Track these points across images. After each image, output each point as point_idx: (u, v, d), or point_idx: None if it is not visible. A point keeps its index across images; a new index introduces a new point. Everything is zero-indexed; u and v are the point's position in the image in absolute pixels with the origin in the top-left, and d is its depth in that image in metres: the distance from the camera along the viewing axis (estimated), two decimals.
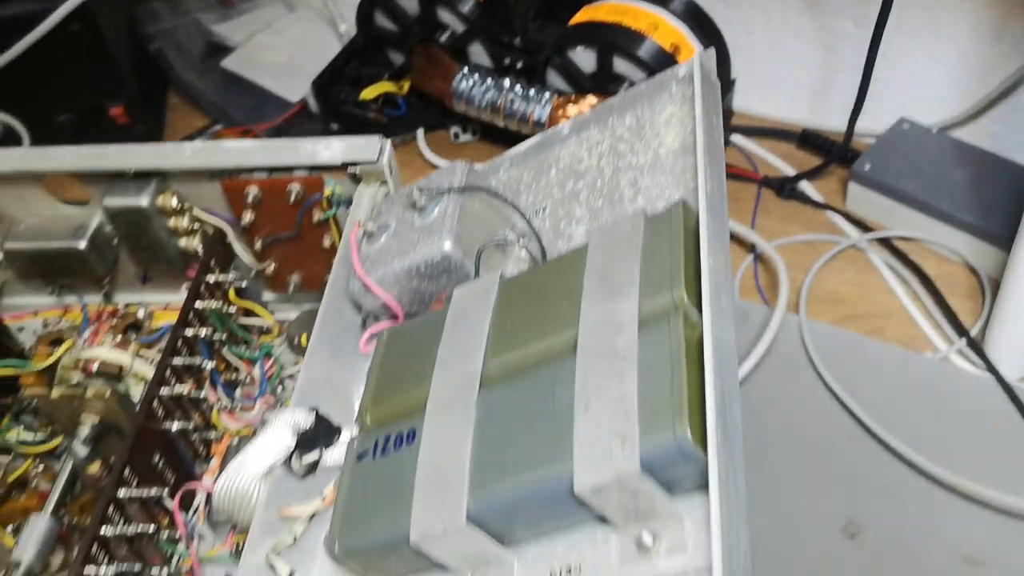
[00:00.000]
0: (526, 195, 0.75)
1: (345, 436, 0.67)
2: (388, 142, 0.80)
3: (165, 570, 0.74)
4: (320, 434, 0.66)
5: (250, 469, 0.64)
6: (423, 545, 0.53)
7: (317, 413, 0.66)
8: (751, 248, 1.11)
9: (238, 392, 0.88)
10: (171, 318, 0.92)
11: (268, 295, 0.96)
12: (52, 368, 0.83)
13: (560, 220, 0.71)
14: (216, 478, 0.65)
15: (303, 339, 0.90)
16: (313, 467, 0.66)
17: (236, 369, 0.88)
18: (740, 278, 1.09)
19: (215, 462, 0.84)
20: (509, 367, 0.57)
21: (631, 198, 0.66)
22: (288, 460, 0.66)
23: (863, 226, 1.12)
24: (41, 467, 0.89)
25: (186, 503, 0.78)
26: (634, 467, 0.47)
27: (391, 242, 0.69)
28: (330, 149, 0.80)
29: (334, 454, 0.67)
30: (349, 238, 0.72)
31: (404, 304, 0.69)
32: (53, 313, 1.00)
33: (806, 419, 0.94)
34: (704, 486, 0.47)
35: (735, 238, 1.12)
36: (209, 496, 0.79)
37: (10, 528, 0.85)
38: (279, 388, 0.90)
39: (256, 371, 0.90)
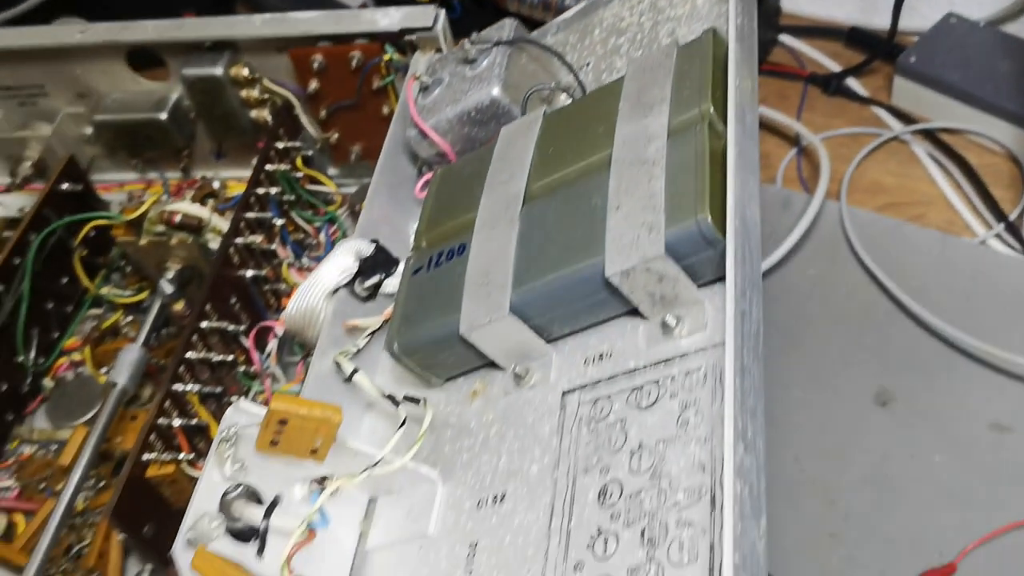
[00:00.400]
0: (571, 55, 0.79)
1: (401, 267, 0.73)
2: (443, 11, 0.84)
3: (243, 399, 0.80)
4: (379, 262, 0.71)
5: (318, 289, 0.70)
6: (471, 336, 0.58)
7: (377, 244, 0.72)
8: (795, 141, 1.13)
9: (304, 258, 0.94)
10: (243, 188, 0.98)
11: (332, 171, 1.01)
12: (139, 221, 0.90)
13: (602, 73, 0.75)
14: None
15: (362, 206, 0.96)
16: (373, 291, 0.71)
17: (304, 232, 0.94)
18: (783, 170, 1.11)
19: (272, 323, 0.89)
20: (550, 185, 0.61)
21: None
22: (351, 283, 0.71)
23: (907, 119, 1.13)
24: (130, 319, 0.96)
25: (260, 345, 0.84)
26: (659, 250, 0.51)
27: (444, 93, 0.74)
28: (388, 17, 0.85)
29: (392, 282, 0.73)
30: (406, 90, 0.77)
31: (456, 149, 0.74)
32: (137, 187, 1.07)
33: (843, 299, 0.96)
34: (724, 277, 0.51)
35: (779, 130, 1.15)
36: (281, 340, 0.86)
37: (104, 370, 0.93)
38: None
39: (322, 236, 0.96)
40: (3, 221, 1.12)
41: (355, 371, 0.63)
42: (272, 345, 0.85)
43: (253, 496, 0.56)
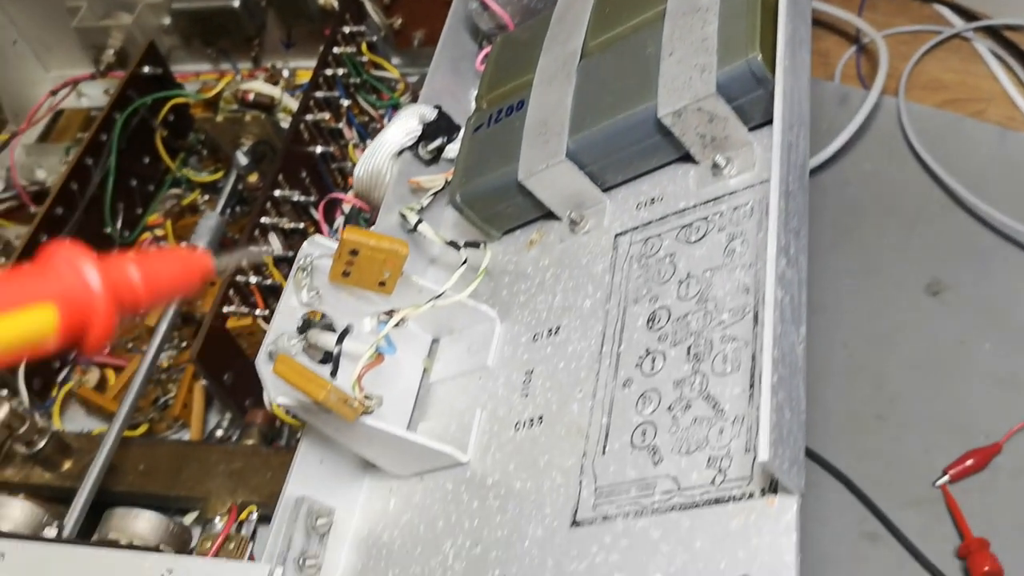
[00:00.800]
0: None
1: (461, 134, 0.75)
2: None
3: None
4: (442, 127, 0.74)
5: (384, 149, 0.73)
6: (529, 182, 0.60)
7: (440, 109, 0.74)
8: (855, 38, 1.12)
9: (368, 140, 0.97)
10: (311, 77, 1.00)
11: (395, 60, 1.03)
12: (215, 100, 0.93)
13: None
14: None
15: None
16: (436, 155, 0.74)
17: (368, 116, 0.97)
18: (842, 67, 1.10)
19: (341, 195, 0.92)
20: (606, 41, 0.63)
21: None
22: (415, 147, 0.74)
23: (970, 16, 1.11)
24: (206, 197, 1.00)
25: (329, 219, 0.87)
26: (710, 88, 0.53)
27: None
28: None
29: (453, 147, 0.75)
30: None
31: (515, 21, 0.76)
32: (211, 76, 1.10)
33: (897, 192, 0.96)
34: (772, 119, 0.53)
35: (839, 28, 1.14)
36: (347, 216, 0.89)
37: (183, 244, 0.97)
38: None
39: (385, 121, 0.98)
40: (86, 113, 1.18)
41: (419, 221, 0.66)
42: (339, 221, 0.88)
43: (327, 325, 0.59)
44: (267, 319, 0.78)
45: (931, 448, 0.78)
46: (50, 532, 0.63)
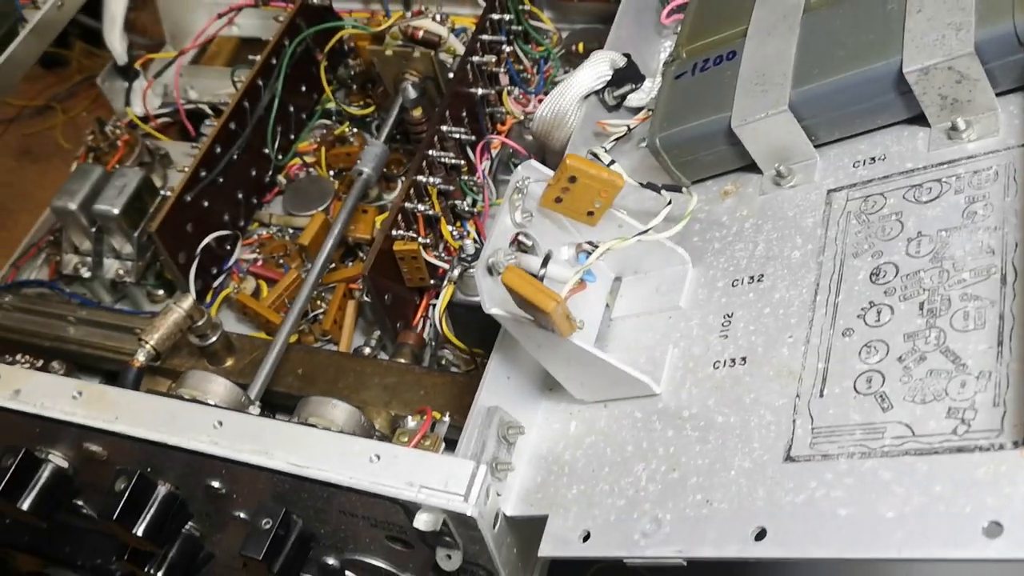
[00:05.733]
0: None
1: (648, 84, 0.72)
2: None
3: (466, 201, 0.81)
4: (629, 75, 0.71)
5: (573, 91, 0.70)
6: (742, 131, 0.57)
7: (629, 57, 0.71)
8: None
9: (518, 89, 0.93)
10: (463, 23, 0.97)
11: (548, 13, 1.00)
12: (382, 36, 0.90)
13: None
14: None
15: (579, 47, 0.94)
16: (620, 101, 0.71)
17: (521, 65, 0.93)
18: None
19: (500, 138, 0.89)
20: None
21: None
22: (602, 92, 0.71)
23: None
24: (355, 130, 0.97)
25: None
26: (967, 48, 0.49)
27: None
28: None
29: (637, 96, 0.72)
30: None
31: None
32: (362, 15, 1.07)
33: None
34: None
35: None
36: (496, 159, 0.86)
37: (331, 172, 0.94)
38: None
39: (536, 72, 0.95)
40: (236, 41, 1.15)
41: (613, 161, 0.63)
42: (486, 164, 0.85)
43: (530, 248, 0.56)
44: (427, 248, 0.76)
45: None
46: (253, 410, 0.62)
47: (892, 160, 0.54)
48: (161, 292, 0.87)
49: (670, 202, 0.57)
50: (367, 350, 0.79)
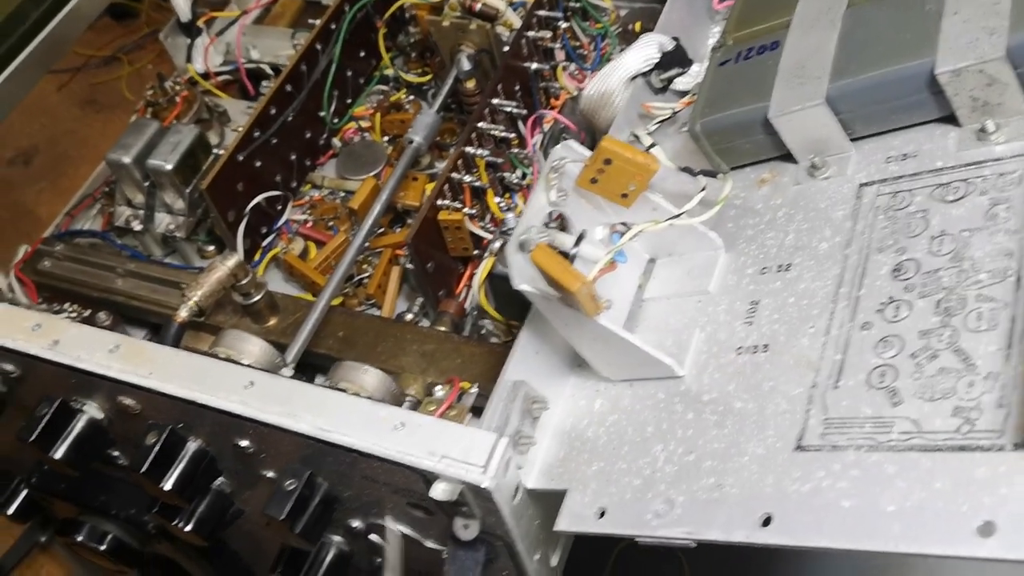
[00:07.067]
0: None
1: (696, 68, 0.74)
2: None
3: (515, 174, 0.84)
4: (677, 59, 0.73)
5: (620, 72, 0.72)
6: (778, 121, 0.59)
7: (678, 41, 0.73)
8: None
9: (574, 65, 0.96)
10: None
11: None
12: (441, 6, 0.93)
13: None
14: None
15: (636, 25, 0.96)
16: (667, 84, 0.73)
17: (578, 41, 0.95)
18: None
19: (552, 113, 0.92)
20: None
21: None
22: (649, 74, 0.73)
23: None
24: (411, 98, 1.00)
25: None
26: (999, 52, 0.51)
27: None
28: None
29: (683, 80, 0.74)
30: None
31: None
32: None
33: None
34: None
35: None
36: (547, 135, 0.89)
37: (385, 138, 0.98)
38: None
39: (592, 48, 0.97)
40: (301, 2, 1.19)
41: (653, 144, 0.65)
42: (539, 138, 0.88)
43: (564, 227, 0.59)
44: (472, 218, 0.79)
45: None
46: (287, 372, 0.66)
47: (923, 158, 0.56)
48: (212, 248, 0.91)
49: (705, 188, 0.59)
50: (409, 316, 0.83)
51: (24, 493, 0.75)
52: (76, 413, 0.62)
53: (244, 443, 0.58)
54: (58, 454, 0.61)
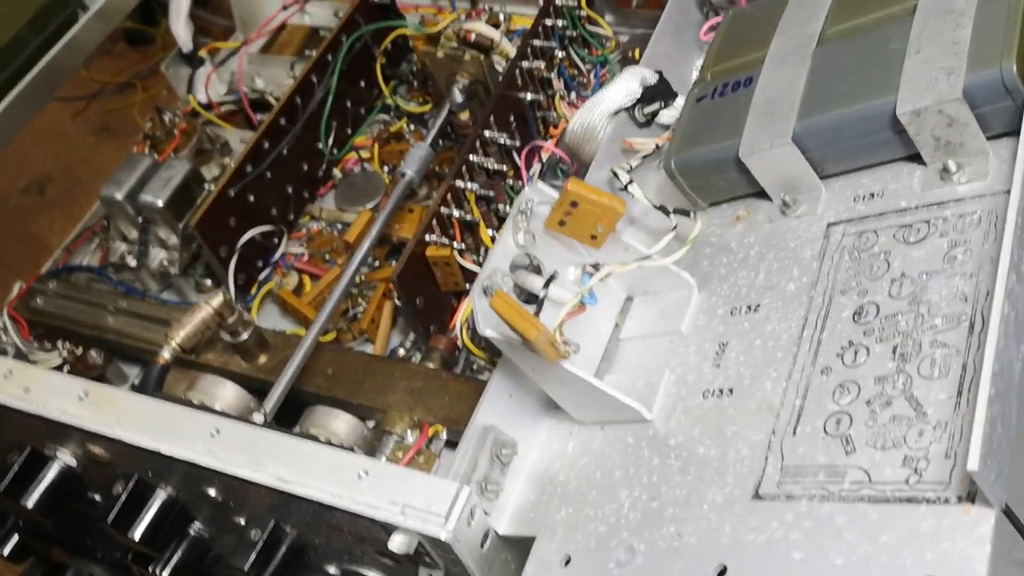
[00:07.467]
0: None
1: (679, 102, 0.75)
2: None
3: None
4: (660, 92, 0.74)
5: (603, 107, 0.74)
6: (749, 160, 0.60)
7: (661, 74, 0.74)
8: None
9: (574, 94, 0.97)
10: (526, 23, 1.01)
11: (609, 18, 1.03)
12: (437, 37, 0.95)
13: None
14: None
15: (636, 53, 0.98)
16: (651, 118, 0.75)
17: (577, 69, 0.97)
18: None
19: (551, 142, 0.94)
20: (847, 30, 0.61)
21: None
22: (632, 108, 0.74)
23: None
24: (412, 127, 1.03)
25: (528, 166, 0.88)
26: (956, 93, 0.51)
27: None
28: None
29: (668, 113, 0.75)
30: None
31: None
32: (429, 10, 1.12)
33: None
34: (1015, 132, 0.51)
35: None
36: (544, 165, 0.90)
37: (386, 168, 1.00)
38: None
39: (592, 76, 0.99)
40: (307, 30, 1.22)
41: (631, 182, 0.67)
42: (536, 168, 0.90)
43: (536, 269, 0.61)
44: (463, 252, 0.81)
45: None
46: (258, 418, 0.68)
47: (888, 197, 0.57)
48: (209, 282, 0.94)
49: (675, 227, 0.61)
50: (402, 351, 0.85)
51: (15, 537, 0.78)
52: (48, 460, 0.64)
53: (212, 492, 0.60)
54: (30, 502, 0.63)
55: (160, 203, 0.87)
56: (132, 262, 0.92)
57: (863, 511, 0.46)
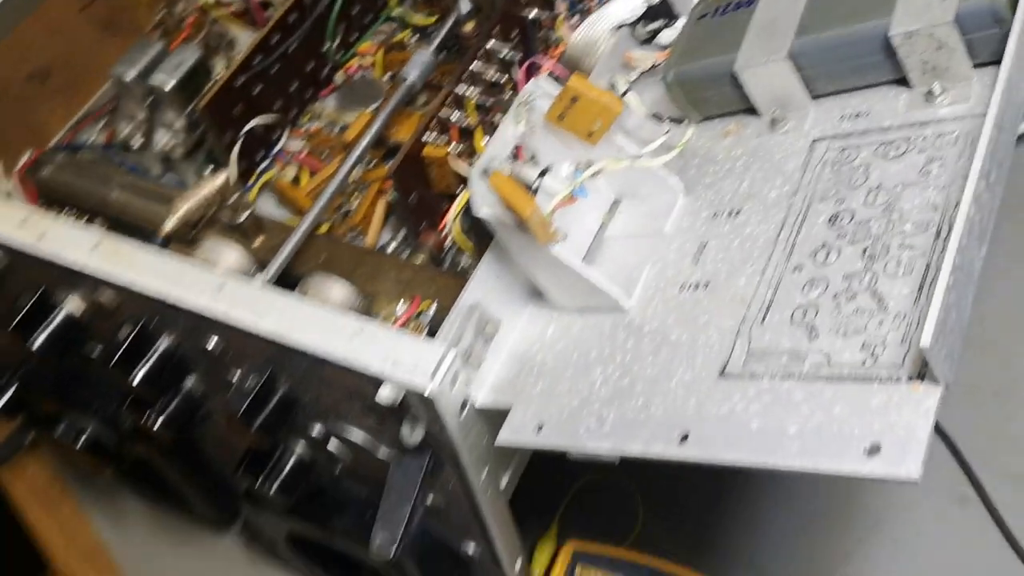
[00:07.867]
0: None
1: (681, 22, 0.77)
2: None
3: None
4: (662, 12, 0.77)
5: (606, 21, 0.76)
6: (743, 74, 0.63)
7: None
8: None
9: (577, 15, 0.99)
10: None
11: None
12: None
13: None
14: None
15: None
16: (651, 36, 0.77)
17: None
18: None
19: (545, 62, 0.96)
20: None
21: None
22: (634, 25, 0.77)
23: None
24: (416, 37, 1.05)
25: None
26: (948, 17, 0.54)
27: None
28: None
29: (668, 34, 0.78)
30: None
31: None
32: None
33: None
34: (999, 62, 0.54)
35: None
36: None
37: (387, 75, 1.02)
38: None
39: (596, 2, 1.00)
40: None
41: (628, 90, 0.69)
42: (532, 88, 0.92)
43: (531, 159, 0.63)
44: (459, 155, 0.83)
45: None
46: (260, 279, 0.70)
47: (874, 117, 0.60)
48: (211, 168, 0.96)
49: (668, 132, 0.63)
50: (393, 245, 0.88)
51: (14, 387, 0.80)
52: (56, 307, 0.66)
53: (211, 342, 0.63)
54: (35, 345, 0.66)
55: (169, 86, 0.89)
56: (137, 143, 0.93)
57: (820, 388, 0.49)
